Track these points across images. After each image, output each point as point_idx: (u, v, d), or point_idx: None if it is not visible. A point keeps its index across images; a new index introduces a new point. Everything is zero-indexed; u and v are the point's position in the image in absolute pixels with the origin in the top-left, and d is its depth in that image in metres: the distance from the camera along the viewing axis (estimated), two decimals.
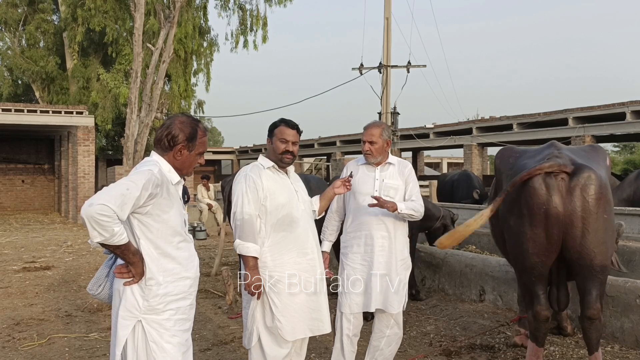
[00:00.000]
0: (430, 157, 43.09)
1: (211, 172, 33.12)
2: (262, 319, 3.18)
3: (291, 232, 3.22)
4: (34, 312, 6.12)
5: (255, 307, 3.18)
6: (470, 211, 10.75)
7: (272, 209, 3.18)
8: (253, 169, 3.26)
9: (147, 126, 17.74)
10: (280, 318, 3.13)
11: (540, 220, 3.62)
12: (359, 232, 3.78)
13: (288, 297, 3.16)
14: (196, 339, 4.84)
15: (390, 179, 3.81)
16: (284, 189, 3.26)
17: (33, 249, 11.31)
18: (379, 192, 3.75)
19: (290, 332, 3.15)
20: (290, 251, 3.20)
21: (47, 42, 26.45)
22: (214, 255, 10.13)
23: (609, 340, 4.52)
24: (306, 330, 3.22)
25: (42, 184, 22.97)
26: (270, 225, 3.18)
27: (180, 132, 2.61)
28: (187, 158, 2.66)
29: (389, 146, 3.88)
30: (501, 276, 5.73)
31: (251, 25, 24.32)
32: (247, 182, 3.19)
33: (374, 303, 3.67)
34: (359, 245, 3.77)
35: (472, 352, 4.52)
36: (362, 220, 3.78)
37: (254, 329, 3.18)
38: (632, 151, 45.08)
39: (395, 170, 3.86)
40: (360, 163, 3.91)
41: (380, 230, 3.74)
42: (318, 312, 3.25)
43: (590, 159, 3.86)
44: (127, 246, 2.43)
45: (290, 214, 3.22)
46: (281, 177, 3.30)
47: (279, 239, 3.19)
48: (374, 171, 3.84)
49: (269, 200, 3.18)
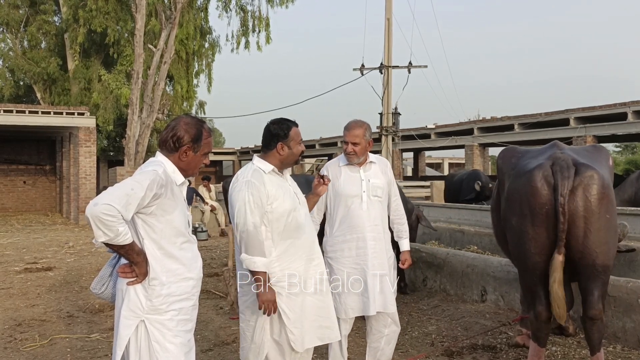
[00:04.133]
0: (431, 158, 43.12)
1: (212, 172, 33.19)
2: (271, 331, 3.01)
3: (298, 239, 3.06)
4: (35, 313, 6.13)
5: (265, 319, 2.99)
6: (471, 211, 10.75)
7: (278, 216, 2.99)
8: (254, 174, 3.01)
9: (149, 127, 17.75)
10: (293, 330, 2.97)
11: (542, 219, 3.62)
12: (349, 235, 3.69)
13: (299, 306, 3.01)
14: (198, 339, 4.84)
15: (375, 179, 3.77)
16: (287, 194, 3.07)
17: (35, 249, 11.31)
18: (367, 192, 3.72)
19: (300, 343, 3.00)
20: (299, 258, 3.05)
21: (48, 43, 26.48)
22: (216, 257, 10.14)
23: (611, 341, 4.51)
24: (315, 339, 3.09)
25: (44, 185, 22.98)
26: (278, 234, 3.00)
27: (186, 133, 2.61)
28: (193, 159, 2.66)
29: (371, 146, 3.80)
30: (503, 276, 5.72)
31: (253, 26, 24.38)
32: (250, 190, 2.94)
33: (373, 306, 3.62)
34: (350, 249, 3.68)
35: (474, 352, 4.52)
36: (353, 223, 3.70)
37: (264, 342, 3.00)
38: (633, 151, 45.04)
39: (377, 168, 3.83)
40: (342, 164, 3.82)
41: (371, 232, 3.70)
42: (327, 319, 3.14)
43: (592, 159, 3.85)
44: (131, 246, 2.44)
45: (296, 220, 3.05)
46: (282, 181, 3.11)
47: (286, 247, 3.02)
48: (358, 171, 3.77)
49: (274, 207, 2.97)
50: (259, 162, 3.09)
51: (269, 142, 3.11)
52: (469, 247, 8.38)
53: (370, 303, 3.62)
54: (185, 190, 2.70)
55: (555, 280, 3.57)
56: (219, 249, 11.12)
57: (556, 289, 3.58)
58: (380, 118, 20.17)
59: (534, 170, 3.72)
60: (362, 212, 3.69)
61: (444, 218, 10.94)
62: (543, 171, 3.67)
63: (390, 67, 19.59)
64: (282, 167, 3.12)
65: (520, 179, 3.83)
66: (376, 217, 3.73)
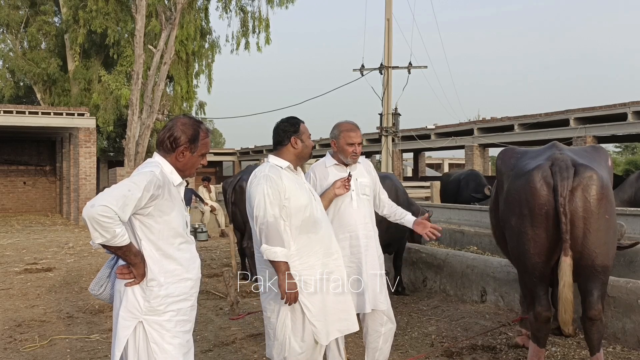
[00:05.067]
0: (431, 158, 43.13)
1: (212, 173, 33.19)
2: (293, 325, 3.06)
3: (316, 234, 3.13)
4: (35, 314, 6.13)
5: (286, 315, 3.05)
6: (470, 212, 10.76)
7: (295, 211, 3.07)
8: (272, 169, 3.12)
9: (149, 128, 17.75)
10: (315, 323, 3.04)
11: (542, 220, 3.62)
12: (342, 234, 3.70)
13: (320, 300, 3.08)
14: (197, 340, 4.84)
15: (362, 178, 3.82)
16: (303, 190, 3.17)
17: (34, 250, 11.31)
18: (356, 191, 3.75)
19: (324, 336, 3.08)
20: (316, 253, 3.12)
21: (48, 44, 26.49)
22: (216, 257, 10.15)
23: (610, 341, 4.51)
24: (336, 331, 3.17)
25: (44, 185, 22.98)
26: (295, 228, 3.08)
27: (183, 133, 2.61)
28: (190, 159, 2.65)
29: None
30: (502, 277, 5.72)
31: (253, 27, 24.38)
32: (268, 183, 3.03)
33: (368, 304, 3.64)
34: (344, 248, 3.68)
35: (474, 353, 4.52)
36: (345, 221, 3.72)
37: (286, 338, 3.05)
38: (633, 152, 45.06)
39: (362, 168, 3.87)
40: (329, 164, 3.84)
41: (364, 230, 3.73)
42: (346, 312, 3.21)
43: (591, 159, 3.85)
44: (128, 247, 2.43)
45: (313, 215, 3.13)
46: (297, 177, 3.21)
47: (304, 241, 3.10)
48: (346, 172, 3.80)
49: (291, 202, 3.06)
50: (275, 160, 3.20)
51: (282, 139, 3.22)
52: (468, 247, 8.39)
53: (366, 300, 3.63)
54: (182, 191, 2.70)
55: (565, 284, 3.52)
56: (219, 250, 11.13)
57: (566, 293, 3.53)
58: (380, 118, 20.15)
59: (533, 171, 3.72)
60: (352, 210, 3.72)
61: (444, 218, 10.95)
62: (542, 172, 3.67)
63: (390, 67, 19.58)
64: (297, 163, 3.24)
65: (520, 179, 3.83)
66: (366, 215, 3.77)
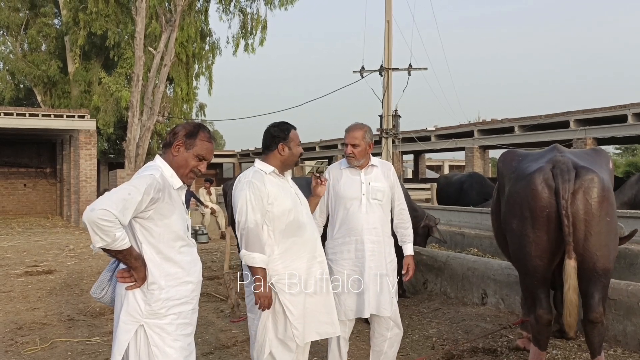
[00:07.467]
0: (431, 160, 43.18)
1: (213, 175, 33.23)
2: (274, 328, 3.10)
3: (300, 237, 3.15)
4: (36, 316, 6.12)
5: (267, 317, 3.09)
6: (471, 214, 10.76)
7: (279, 215, 3.09)
8: (255, 175, 3.14)
9: (149, 130, 17.76)
10: (297, 325, 3.07)
11: (543, 223, 3.62)
12: (348, 237, 3.71)
13: (302, 303, 3.10)
14: (198, 342, 4.84)
15: (376, 182, 3.78)
16: (288, 194, 3.18)
17: (35, 252, 11.31)
18: (367, 195, 3.72)
19: (301, 338, 3.11)
20: (300, 257, 3.15)
21: (48, 46, 26.55)
22: (216, 259, 10.14)
23: (611, 344, 4.50)
24: (314, 334, 3.19)
25: (44, 187, 22.98)
26: (279, 232, 3.10)
27: (182, 129, 2.67)
28: (183, 156, 2.62)
29: (371, 148, 3.83)
30: (503, 279, 5.72)
31: (252, 28, 24.39)
32: (250, 189, 3.07)
33: (367, 309, 3.63)
34: (349, 252, 3.70)
35: (475, 356, 4.52)
36: (352, 225, 3.71)
37: (266, 340, 3.09)
38: (634, 153, 45.04)
39: (379, 172, 3.83)
40: (344, 167, 3.85)
41: (370, 235, 3.70)
42: (328, 315, 3.23)
43: (592, 162, 3.85)
44: (129, 251, 2.43)
45: (297, 219, 3.15)
46: (282, 182, 3.22)
47: (289, 245, 3.12)
48: (359, 174, 3.78)
49: (275, 206, 3.09)
50: (260, 164, 3.22)
51: (270, 144, 3.23)
52: (469, 249, 8.39)
53: (365, 305, 3.62)
54: (183, 195, 2.69)
55: (570, 287, 3.50)
56: (219, 252, 11.12)
57: (571, 296, 3.51)
58: (380, 120, 20.13)
59: (534, 174, 3.72)
60: (360, 215, 3.70)
61: (445, 220, 10.94)
62: (543, 174, 3.67)
63: (390, 69, 19.58)
64: (282, 169, 3.24)
65: (521, 182, 3.83)
66: (375, 221, 3.73)
